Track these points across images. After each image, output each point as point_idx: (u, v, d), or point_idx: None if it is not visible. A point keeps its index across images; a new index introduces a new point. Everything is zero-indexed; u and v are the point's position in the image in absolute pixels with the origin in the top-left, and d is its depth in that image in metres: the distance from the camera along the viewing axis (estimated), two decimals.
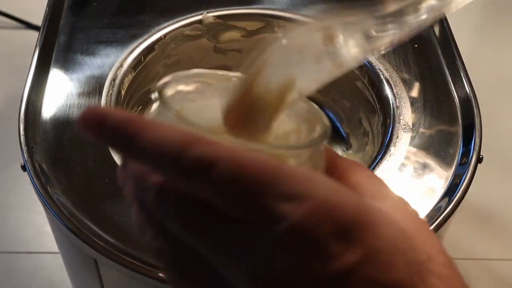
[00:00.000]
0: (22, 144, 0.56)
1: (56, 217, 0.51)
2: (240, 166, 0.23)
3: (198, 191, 0.24)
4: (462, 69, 0.64)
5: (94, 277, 0.57)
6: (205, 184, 0.23)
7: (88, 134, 0.25)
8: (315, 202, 0.23)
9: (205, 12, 0.69)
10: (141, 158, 0.25)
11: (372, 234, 0.24)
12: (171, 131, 0.24)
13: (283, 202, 0.23)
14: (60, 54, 0.65)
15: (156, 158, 0.24)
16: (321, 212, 0.23)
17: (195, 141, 0.24)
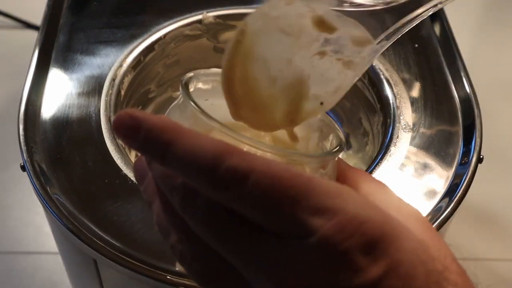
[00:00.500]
0: (22, 144, 0.56)
1: (56, 217, 0.51)
2: (273, 178, 0.24)
3: (231, 201, 0.24)
4: (462, 69, 0.64)
5: (93, 277, 0.57)
6: (239, 195, 0.24)
7: (121, 138, 0.25)
8: (345, 216, 0.24)
9: (205, 12, 0.69)
10: (175, 167, 0.25)
11: (396, 247, 0.24)
12: (206, 140, 0.24)
13: (314, 216, 0.24)
14: (60, 54, 0.65)
15: (191, 168, 0.24)
16: (350, 227, 0.24)
17: (230, 152, 0.24)
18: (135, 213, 0.51)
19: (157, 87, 0.71)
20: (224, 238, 0.25)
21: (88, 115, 0.59)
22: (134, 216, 0.51)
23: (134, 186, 0.53)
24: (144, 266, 0.48)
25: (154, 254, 0.48)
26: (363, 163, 0.67)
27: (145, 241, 0.49)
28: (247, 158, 0.24)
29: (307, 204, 0.24)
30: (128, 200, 0.52)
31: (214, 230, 0.25)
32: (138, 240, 0.49)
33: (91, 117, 0.59)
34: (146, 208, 0.52)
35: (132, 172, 0.54)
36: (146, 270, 0.48)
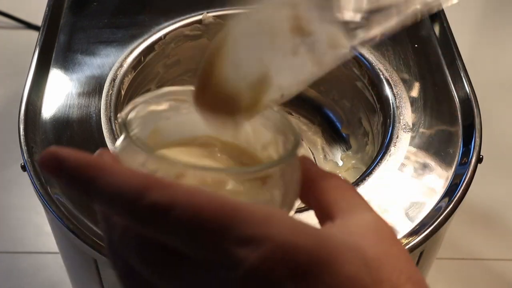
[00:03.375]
0: (22, 144, 0.56)
1: (56, 217, 0.51)
2: (196, 210, 0.23)
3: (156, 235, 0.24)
4: (462, 69, 0.64)
5: (94, 277, 0.57)
6: (162, 229, 0.24)
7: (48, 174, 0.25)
8: (271, 245, 0.23)
9: (205, 12, 0.69)
10: (99, 203, 0.25)
11: (330, 273, 0.24)
12: (127, 175, 0.24)
13: (239, 246, 0.23)
14: (60, 54, 0.65)
15: (114, 204, 0.24)
16: (277, 256, 0.23)
17: (151, 185, 0.24)
18: None
19: (157, 87, 0.71)
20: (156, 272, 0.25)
21: (89, 115, 0.59)
22: None
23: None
24: None
25: None
26: (363, 163, 0.67)
27: None
28: (169, 191, 0.23)
29: (231, 234, 0.23)
30: None
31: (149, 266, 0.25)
32: None
33: (92, 117, 0.59)
34: None
35: None
36: None
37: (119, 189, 0.24)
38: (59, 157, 0.25)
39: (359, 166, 0.67)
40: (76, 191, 0.25)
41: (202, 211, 0.23)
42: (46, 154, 0.25)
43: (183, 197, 0.23)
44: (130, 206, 0.24)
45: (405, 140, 0.58)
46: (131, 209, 0.24)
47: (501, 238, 1.02)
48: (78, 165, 0.25)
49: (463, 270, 0.95)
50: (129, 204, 0.24)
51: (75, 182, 0.25)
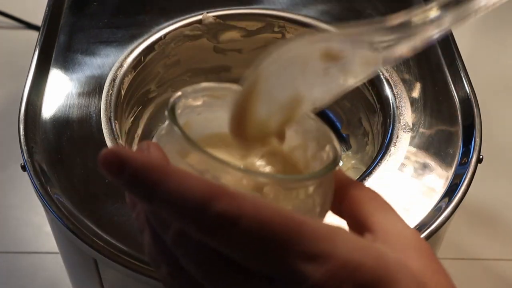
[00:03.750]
0: (22, 144, 0.56)
1: (56, 217, 0.51)
2: (263, 223, 0.23)
3: (220, 246, 0.24)
4: (462, 69, 0.64)
5: (94, 277, 0.57)
6: (228, 240, 0.23)
7: (107, 175, 0.25)
8: (336, 262, 0.23)
9: (205, 12, 0.69)
10: (161, 209, 0.24)
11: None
12: (194, 183, 0.23)
13: (305, 262, 0.23)
14: (60, 54, 0.65)
15: (178, 211, 0.23)
16: (342, 273, 0.23)
17: (219, 195, 0.23)
18: None
19: (157, 87, 0.71)
20: (214, 280, 0.25)
21: (89, 115, 0.59)
22: None
23: None
24: (144, 266, 0.48)
25: None
26: (363, 163, 0.67)
27: None
28: (236, 202, 0.23)
29: (298, 249, 0.23)
30: None
31: (205, 272, 0.25)
32: (138, 240, 0.49)
33: (92, 117, 0.59)
34: None
35: None
36: (146, 270, 0.48)
37: (185, 196, 0.23)
38: (122, 157, 0.24)
39: (359, 166, 0.67)
40: (136, 194, 0.25)
41: (269, 224, 0.23)
42: (108, 153, 0.24)
43: (250, 208, 0.23)
44: (195, 215, 0.23)
45: (405, 140, 0.58)
46: (196, 217, 0.23)
47: (501, 238, 1.02)
48: (142, 167, 0.24)
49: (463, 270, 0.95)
50: (195, 213, 0.23)
51: (137, 185, 0.24)
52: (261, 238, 0.23)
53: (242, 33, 0.71)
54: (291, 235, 0.23)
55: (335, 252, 0.23)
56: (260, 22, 0.70)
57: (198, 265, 0.25)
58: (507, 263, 0.98)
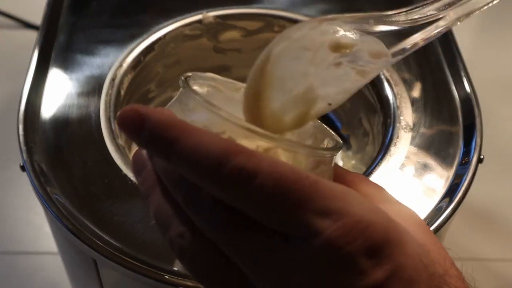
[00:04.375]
0: (21, 144, 0.55)
1: (55, 217, 0.51)
2: (280, 180, 0.23)
3: (235, 201, 0.24)
4: (462, 68, 0.64)
5: (93, 278, 0.57)
6: (244, 195, 0.24)
7: (125, 133, 0.25)
8: (350, 219, 0.24)
9: (205, 12, 0.69)
10: (179, 165, 0.24)
11: (400, 252, 0.25)
12: (212, 139, 0.24)
13: (319, 218, 0.24)
14: (59, 54, 0.65)
15: (196, 166, 0.24)
16: (355, 230, 0.24)
17: (236, 151, 0.23)
18: (135, 213, 0.51)
19: (157, 87, 0.71)
20: (228, 236, 0.25)
21: (88, 115, 0.59)
22: (134, 216, 0.51)
23: (134, 186, 0.53)
24: (144, 266, 0.48)
25: (154, 254, 0.48)
26: (363, 163, 0.67)
27: (145, 241, 0.49)
28: (254, 158, 0.23)
29: (312, 205, 0.24)
30: (128, 200, 0.52)
31: (218, 229, 0.25)
32: (138, 240, 0.49)
33: (91, 117, 0.58)
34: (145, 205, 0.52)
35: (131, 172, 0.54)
36: (146, 270, 0.48)
37: (203, 151, 0.23)
38: (142, 114, 0.24)
39: (359, 166, 0.67)
40: (155, 150, 0.25)
41: (285, 181, 0.23)
42: (127, 110, 0.25)
43: (267, 165, 0.23)
44: (212, 170, 0.23)
45: (405, 140, 0.58)
46: (214, 173, 0.23)
47: (502, 238, 1.01)
48: (161, 124, 0.24)
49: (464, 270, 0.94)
50: (212, 168, 0.23)
51: (156, 141, 0.24)
52: (277, 194, 0.23)
53: (242, 33, 0.71)
54: (307, 192, 0.24)
55: (349, 210, 0.24)
56: (260, 22, 0.70)
57: (211, 223, 0.25)
58: (508, 263, 0.98)
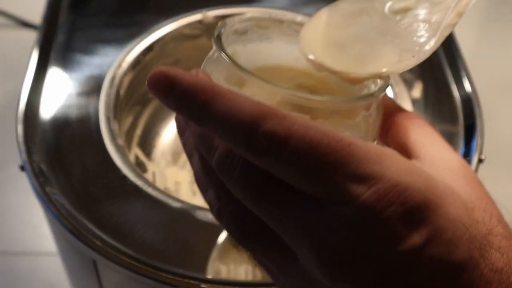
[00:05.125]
0: (21, 144, 0.55)
1: (55, 217, 0.51)
2: (312, 144, 0.23)
3: (268, 165, 0.24)
4: (463, 68, 0.63)
5: (93, 278, 0.57)
6: (276, 160, 0.23)
7: (156, 96, 0.25)
8: (386, 183, 0.23)
9: (204, 11, 0.69)
10: (210, 128, 0.24)
11: (439, 214, 0.24)
12: (244, 102, 0.23)
13: (354, 183, 0.23)
14: (59, 54, 0.65)
15: (228, 131, 0.24)
16: (391, 195, 0.23)
17: (268, 115, 0.23)
18: (135, 213, 0.51)
19: None
20: (261, 201, 0.25)
21: (87, 115, 0.59)
22: (134, 216, 0.51)
23: (134, 186, 0.53)
24: (144, 267, 0.47)
25: (154, 254, 0.48)
26: None
27: (145, 241, 0.49)
28: (286, 122, 0.23)
29: (346, 170, 0.23)
30: (127, 200, 0.52)
31: (251, 192, 0.25)
32: (138, 240, 0.49)
33: (90, 117, 0.58)
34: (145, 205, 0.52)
35: (130, 172, 0.54)
36: (146, 270, 0.47)
37: (234, 116, 0.23)
38: (171, 76, 0.24)
39: None
40: (185, 114, 0.25)
41: (319, 144, 0.23)
42: (157, 73, 0.24)
43: (300, 129, 0.23)
44: (245, 134, 0.23)
45: None
46: (246, 137, 0.23)
47: None
48: (192, 86, 0.24)
49: None
50: (245, 132, 0.23)
51: (187, 104, 0.24)
52: (310, 158, 0.23)
53: None
54: (340, 156, 0.23)
55: (384, 174, 0.23)
56: None
57: (245, 187, 0.25)
58: None
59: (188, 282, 0.47)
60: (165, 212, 0.51)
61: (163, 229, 0.50)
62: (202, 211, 0.51)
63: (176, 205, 0.52)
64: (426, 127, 0.30)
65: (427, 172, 0.25)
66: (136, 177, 0.54)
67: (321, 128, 0.23)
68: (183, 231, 0.50)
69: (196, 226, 0.50)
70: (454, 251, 0.24)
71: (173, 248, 0.49)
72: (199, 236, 0.50)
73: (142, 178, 0.54)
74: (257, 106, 0.23)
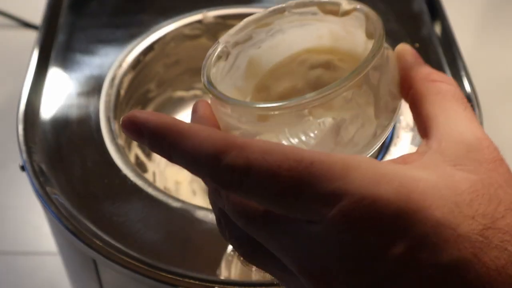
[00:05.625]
0: (21, 144, 0.55)
1: (55, 217, 0.51)
2: (273, 170, 0.23)
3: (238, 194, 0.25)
4: (463, 68, 0.63)
5: (93, 278, 0.57)
6: (242, 190, 0.24)
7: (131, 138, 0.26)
8: (349, 200, 0.22)
9: (204, 12, 0.69)
10: (183, 166, 0.25)
11: (417, 221, 0.22)
12: (203, 138, 0.24)
13: (319, 202, 0.23)
14: (59, 54, 0.65)
15: (195, 168, 0.25)
16: (356, 211, 0.22)
17: (228, 147, 0.24)
18: (135, 213, 0.51)
19: (157, 87, 0.71)
20: (249, 225, 0.26)
21: (88, 115, 0.59)
22: (134, 216, 0.51)
23: (134, 186, 0.53)
24: (144, 266, 0.48)
25: (154, 254, 0.48)
26: None
27: (145, 241, 0.49)
28: (244, 152, 0.23)
29: (310, 191, 0.23)
30: (127, 200, 0.52)
31: (238, 219, 0.26)
32: (138, 240, 0.49)
33: (91, 117, 0.58)
34: (145, 205, 0.52)
35: (131, 172, 0.54)
36: (146, 270, 0.48)
37: (197, 153, 0.24)
38: (138, 123, 0.25)
39: None
40: (159, 154, 0.26)
41: (279, 169, 0.23)
42: (126, 119, 0.26)
43: (259, 157, 0.23)
44: (209, 170, 0.24)
45: (406, 140, 0.57)
46: (210, 172, 0.24)
47: None
48: (156, 130, 0.25)
49: None
50: (208, 168, 0.24)
51: (157, 146, 0.25)
52: (272, 185, 0.23)
53: None
54: (302, 178, 0.23)
55: (348, 189, 0.23)
56: None
57: (233, 215, 0.26)
58: None
59: (188, 282, 0.47)
60: (165, 212, 0.51)
61: (163, 229, 0.50)
62: (202, 211, 0.51)
63: (176, 205, 0.52)
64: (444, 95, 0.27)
65: (401, 177, 0.23)
66: (136, 177, 0.54)
67: (281, 150, 0.23)
68: (183, 231, 0.50)
69: (196, 226, 0.51)
70: (440, 255, 0.22)
71: (173, 248, 0.49)
72: (199, 236, 0.50)
73: (142, 178, 0.54)
74: (216, 141, 0.24)
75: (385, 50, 0.28)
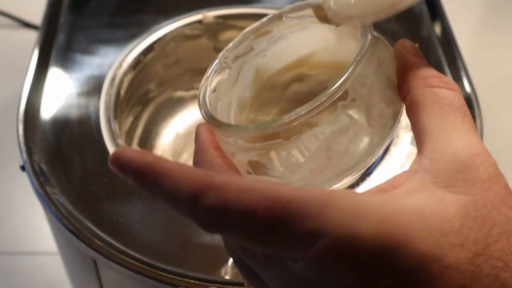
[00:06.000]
0: (21, 144, 0.55)
1: (55, 217, 0.51)
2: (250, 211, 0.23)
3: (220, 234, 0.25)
4: (462, 68, 0.63)
5: (93, 278, 0.57)
6: (222, 230, 0.24)
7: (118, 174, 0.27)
8: (327, 240, 0.22)
9: (205, 12, 0.69)
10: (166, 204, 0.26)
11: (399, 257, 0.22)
12: (182, 178, 0.24)
13: (297, 242, 0.23)
14: (59, 54, 0.65)
15: (176, 207, 0.25)
16: (334, 251, 0.22)
17: (205, 188, 0.24)
18: (135, 213, 0.51)
19: (157, 87, 0.71)
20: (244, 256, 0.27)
21: (88, 115, 0.59)
22: (134, 216, 0.51)
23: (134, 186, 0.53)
24: (144, 266, 0.48)
25: (154, 254, 0.48)
26: None
27: (145, 241, 0.49)
28: (222, 192, 0.23)
29: (287, 231, 0.22)
30: (127, 200, 0.52)
31: (234, 245, 0.27)
32: (138, 240, 0.49)
33: (91, 117, 0.58)
34: (145, 205, 0.52)
35: None
36: (146, 270, 0.48)
37: (177, 194, 0.24)
38: (122, 162, 0.26)
39: None
40: (144, 192, 0.27)
41: (256, 209, 0.23)
42: (112, 157, 0.27)
43: (236, 197, 0.23)
44: (190, 211, 0.24)
45: (405, 140, 0.57)
46: (191, 213, 0.24)
47: None
48: (139, 169, 0.26)
49: None
50: (188, 209, 0.24)
51: (141, 184, 0.26)
52: (250, 226, 0.23)
53: None
54: (279, 218, 0.23)
55: (326, 228, 0.22)
56: None
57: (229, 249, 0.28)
58: None
59: (188, 282, 0.47)
60: (165, 212, 0.51)
61: (163, 229, 0.50)
62: None
63: None
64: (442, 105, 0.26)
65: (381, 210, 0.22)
66: None
67: (258, 189, 0.23)
68: (183, 231, 0.50)
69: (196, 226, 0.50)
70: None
71: (173, 248, 0.49)
72: (199, 236, 0.50)
73: None
74: (193, 181, 0.24)
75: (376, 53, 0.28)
